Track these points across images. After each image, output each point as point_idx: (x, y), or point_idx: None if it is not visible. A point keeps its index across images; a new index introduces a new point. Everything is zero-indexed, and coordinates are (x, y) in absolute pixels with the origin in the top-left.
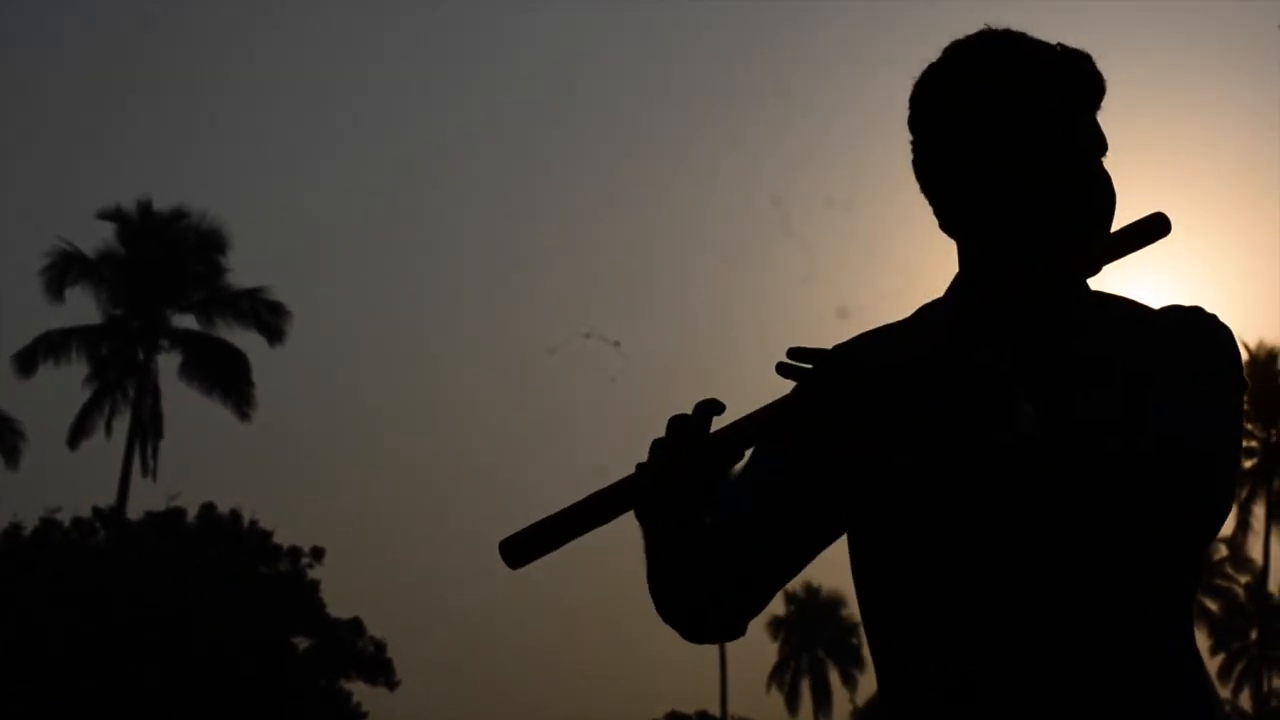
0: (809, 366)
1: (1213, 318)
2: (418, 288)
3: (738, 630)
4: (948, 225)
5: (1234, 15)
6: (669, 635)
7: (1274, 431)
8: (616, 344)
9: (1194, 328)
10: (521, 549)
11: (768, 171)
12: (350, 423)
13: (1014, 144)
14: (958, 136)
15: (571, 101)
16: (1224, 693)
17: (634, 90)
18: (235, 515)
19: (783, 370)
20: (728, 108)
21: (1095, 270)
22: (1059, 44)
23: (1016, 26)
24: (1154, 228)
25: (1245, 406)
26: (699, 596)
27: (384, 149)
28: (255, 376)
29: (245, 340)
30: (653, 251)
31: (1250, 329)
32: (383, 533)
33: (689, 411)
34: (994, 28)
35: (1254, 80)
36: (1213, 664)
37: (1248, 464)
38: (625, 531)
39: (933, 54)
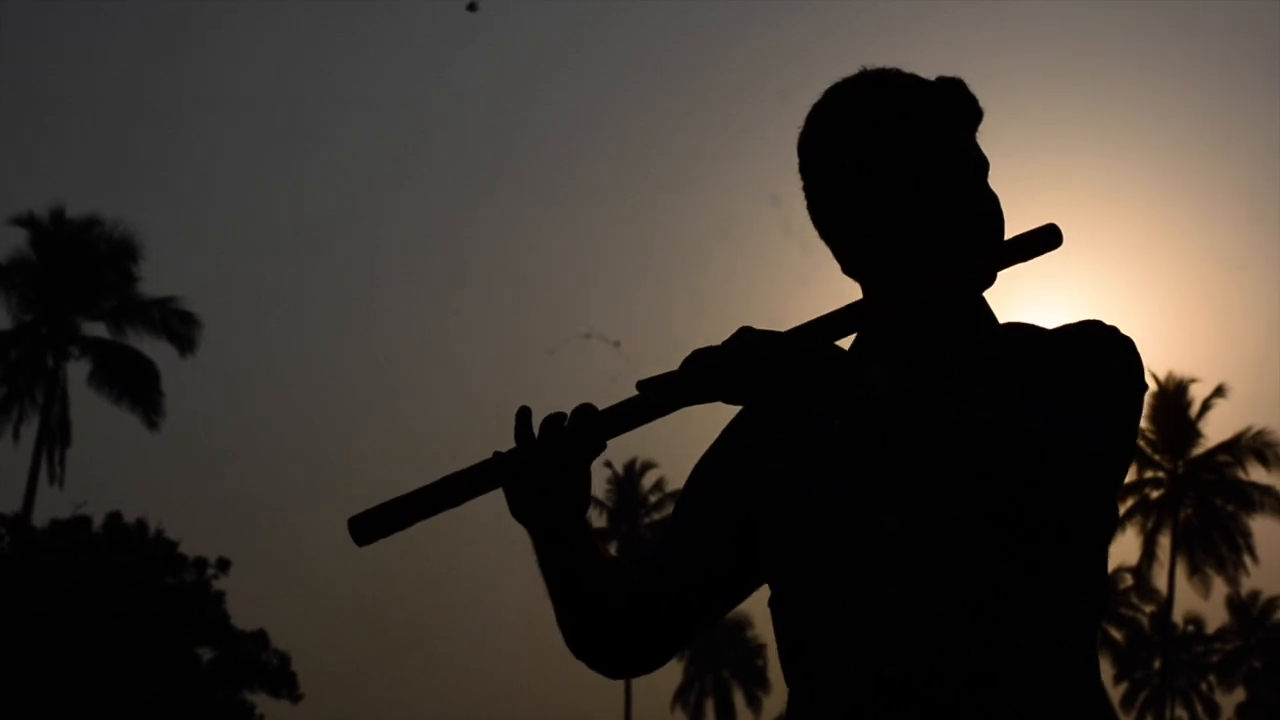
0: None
1: (1108, 326)
2: (333, 300)
3: (653, 667)
4: (850, 268)
5: (1147, 40)
6: (571, 658)
7: (1181, 463)
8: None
9: (1087, 334)
10: (370, 526)
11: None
12: (259, 435)
13: (899, 173)
14: (846, 175)
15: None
16: None
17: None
18: (141, 524)
19: (645, 382)
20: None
21: (990, 279)
22: (939, 77)
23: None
24: (1046, 238)
25: (1146, 413)
26: (614, 637)
27: (314, 156)
28: (165, 386)
29: (155, 349)
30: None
31: (1160, 361)
32: (290, 545)
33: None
34: (870, 68)
35: (1165, 112)
36: (1116, 692)
37: (1154, 494)
38: (529, 550)
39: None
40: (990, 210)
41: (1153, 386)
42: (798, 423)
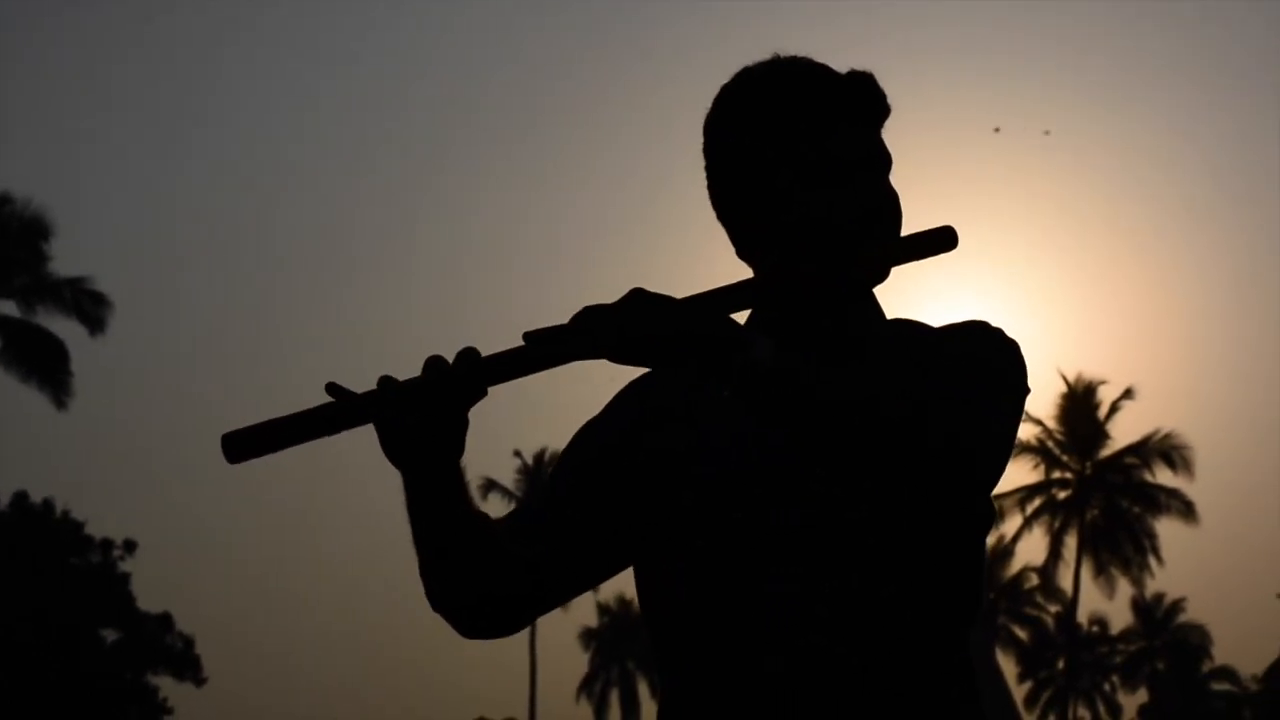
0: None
1: (993, 327)
2: (242, 282)
3: (513, 630)
4: (743, 251)
5: (1058, 35)
6: (478, 644)
7: (1089, 464)
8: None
9: (971, 334)
10: (243, 444)
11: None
12: (168, 417)
13: (800, 160)
14: (747, 159)
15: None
16: None
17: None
18: (48, 505)
19: (532, 334)
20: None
21: (882, 275)
22: (850, 69)
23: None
24: (942, 239)
25: (1026, 412)
26: (476, 591)
27: (224, 138)
28: (74, 366)
29: (65, 329)
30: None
31: (1070, 363)
32: (196, 529)
33: None
34: (783, 55)
35: (1079, 112)
36: (1020, 692)
37: (1061, 495)
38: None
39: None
40: (889, 204)
41: (1062, 388)
42: (685, 404)
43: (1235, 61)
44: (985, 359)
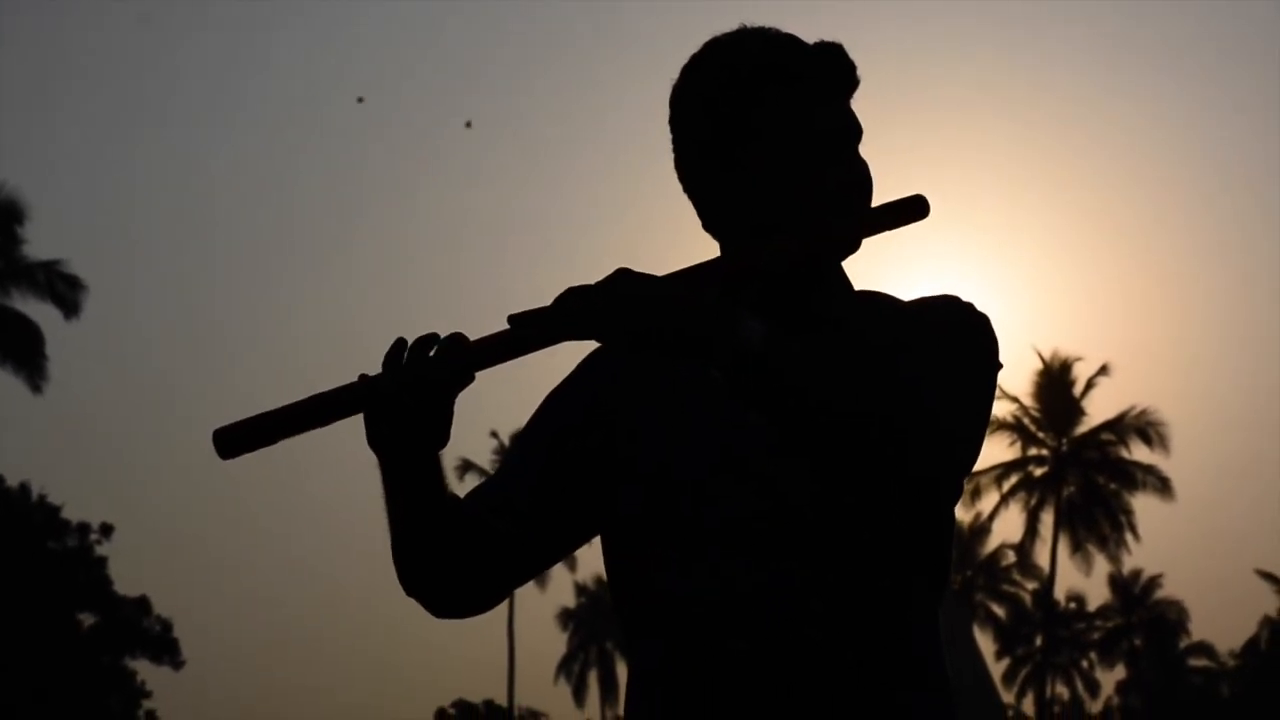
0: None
1: (964, 301)
2: (218, 265)
3: (485, 608)
4: (710, 223)
5: (1037, 11)
6: (455, 626)
7: (1065, 441)
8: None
9: (942, 309)
10: (235, 440)
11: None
12: (144, 399)
13: (769, 131)
14: (715, 129)
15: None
16: (1008, 697)
17: (603, 71)
18: (24, 489)
19: (517, 316)
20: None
21: (854, 245)
22: (819, 40)
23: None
24: (913, 208)
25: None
26: (449, 572)
27: (198, 123)
28: (49, 349)
29: (40, 312)
30: (631, 232)
31: (1046, 340)
32: (173, 512)
33: None
34: (749, 25)
35: (1056, 91)
36: (997, 669)
37: (1037, 472)
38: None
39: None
40: (859, 176)
41: (1037, 365)
42: (656, 383)
43: (1210, 41)
44: (957, 334)
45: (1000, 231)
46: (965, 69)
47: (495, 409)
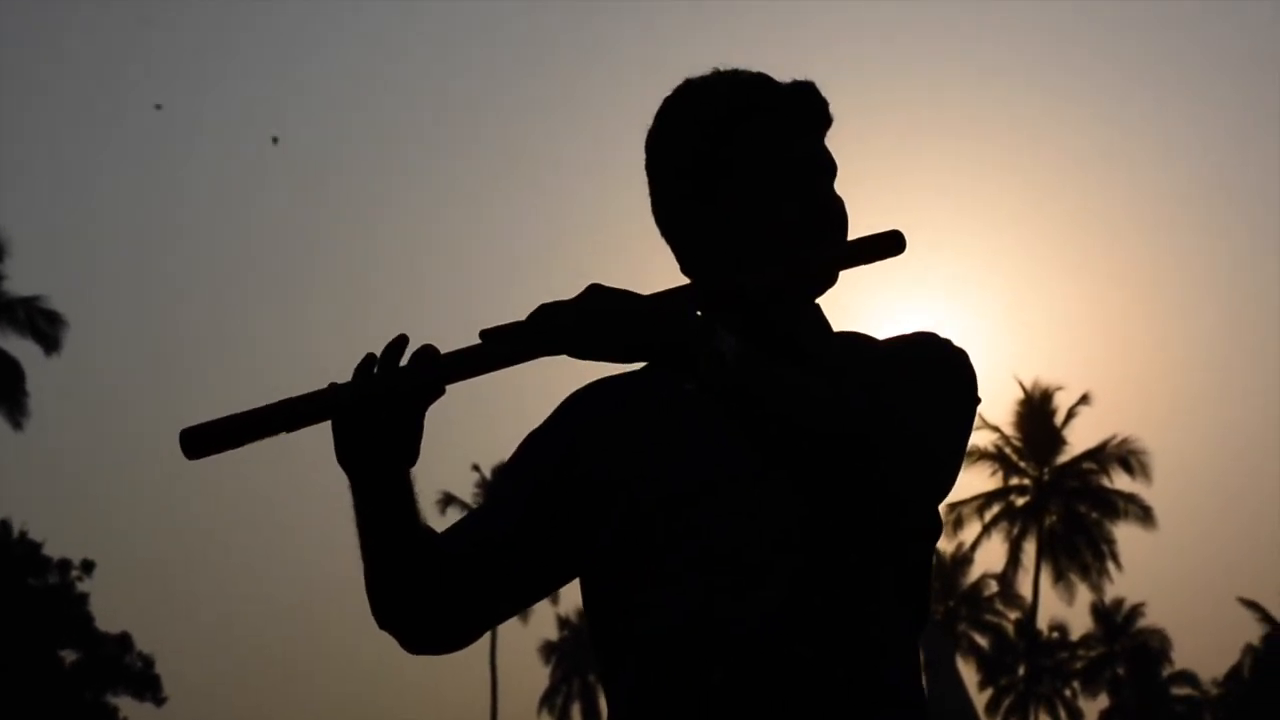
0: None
1: (941, 338)
2: (200, 299)
3: (459, 646)
4: (687, 264)
5: (1010, 43)
6: (438, 659)
7: (1046, 470)
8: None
9: (920, 345)
10: (201, 441)
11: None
12: (125, 435)
13: (743, 170)
14: (691, 169)
15: (512, 97)
16: None
17: (578, 89)
18: (5, 525)
19: (489, 331)
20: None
21: (830, 281)
22: (793, 79)
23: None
24: (889, 243)
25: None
26: (423, 607)
27: (178, 155)
28: (30, 385)
29: (20, 348)
30: (606, 251)
31: (1027, 369)
32: (155, 548)
33: None
34: (722, 68)
35: (1031, 120)
36: (981, 699)
37: (1019, 501)
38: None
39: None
40: (833, 211)
41: (1019, 394)
42: (636, 420)
43: (1189, 64)
44: (935, 370)
45: (981, 260)
46: (942, 97)
47: (477, 442)
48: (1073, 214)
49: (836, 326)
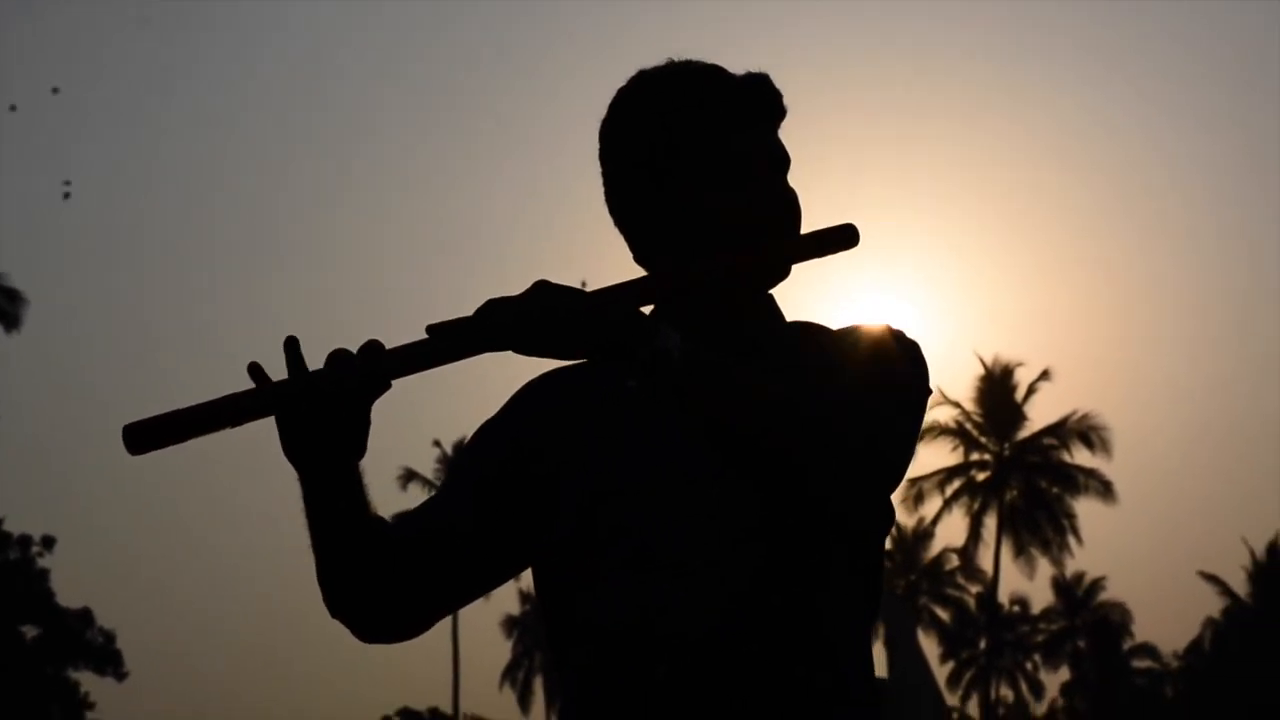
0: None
1: (894, 328)
2: (161, 277)
3: (412, 635)
4: (640, 253)
5: (965, 29)
6: None
7: (1007, 445)
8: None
9: (872, 336)
10: (144, 436)
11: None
12: (85, 412)
13: (695, 161)
14: (644, 157)
15: (467, 88)
16: (952, 700)
17: (534, 80)
18: None
19: (435, 327)
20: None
21: (783, 273)
22: (747, 70)
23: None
24: (842, 236)
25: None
26: (375, 597)
27: (140, 135)
28: None
29: None
30: (557, 245)
31: (987, 345)
32: (116, 524)
33: None
34: (676, 59)
35: (988, 101)
36: (942, 672)
37: (980, 476)
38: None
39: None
40: (784, 202)
41: (979, 370)
42: (587, 413)
43: (1145, 42)
44: (886, 360)
45: (940, 238)
46: (894, 74)
47: (438, 418)
48: (1033, 189)
49: (798, 301)
